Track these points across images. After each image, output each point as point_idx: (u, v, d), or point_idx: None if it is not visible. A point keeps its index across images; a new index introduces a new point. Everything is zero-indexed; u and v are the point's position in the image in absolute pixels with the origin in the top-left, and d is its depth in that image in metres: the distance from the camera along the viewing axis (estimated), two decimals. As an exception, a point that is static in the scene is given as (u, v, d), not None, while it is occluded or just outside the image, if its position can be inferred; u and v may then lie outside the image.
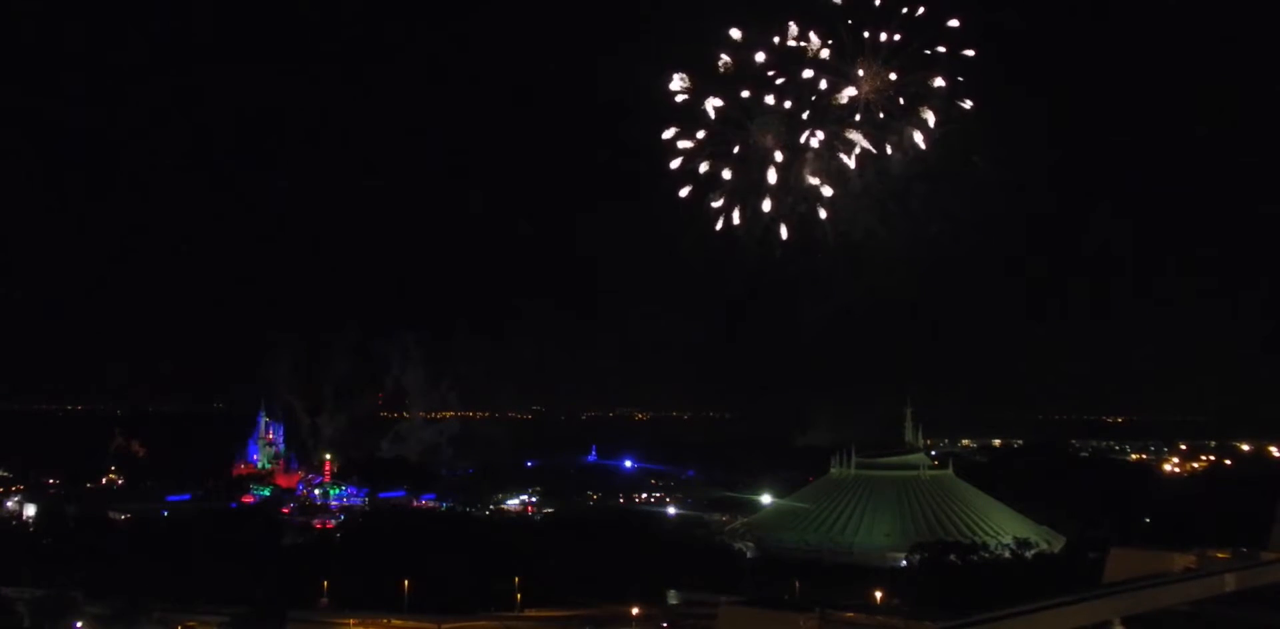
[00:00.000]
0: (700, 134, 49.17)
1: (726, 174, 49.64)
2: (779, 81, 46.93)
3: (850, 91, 46.61)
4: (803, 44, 45.78)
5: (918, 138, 47.94)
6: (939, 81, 46.36)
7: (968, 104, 46.97)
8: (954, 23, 45.75)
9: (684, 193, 50.21)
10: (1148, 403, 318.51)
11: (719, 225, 50.90)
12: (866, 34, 45.77)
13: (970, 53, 46.24)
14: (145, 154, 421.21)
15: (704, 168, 49.57)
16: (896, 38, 45.74)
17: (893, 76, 46.31)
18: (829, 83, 46.51)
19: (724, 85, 47.65)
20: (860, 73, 46.38)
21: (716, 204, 50.50)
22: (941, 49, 45.68)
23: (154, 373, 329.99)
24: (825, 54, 46.24)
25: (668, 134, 49.53)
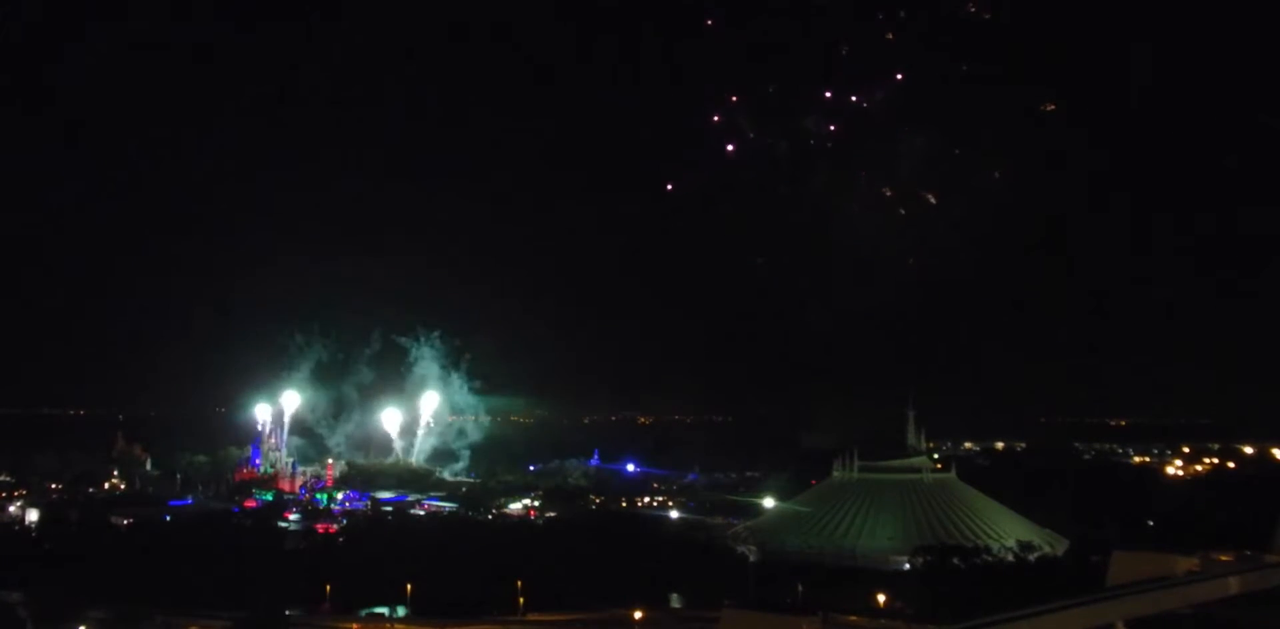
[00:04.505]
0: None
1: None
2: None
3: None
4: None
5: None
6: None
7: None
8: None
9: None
10: (1151, 405, 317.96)
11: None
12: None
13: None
14: (145, 152, 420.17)
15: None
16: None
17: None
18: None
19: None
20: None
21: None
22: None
23: (155, 377, 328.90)
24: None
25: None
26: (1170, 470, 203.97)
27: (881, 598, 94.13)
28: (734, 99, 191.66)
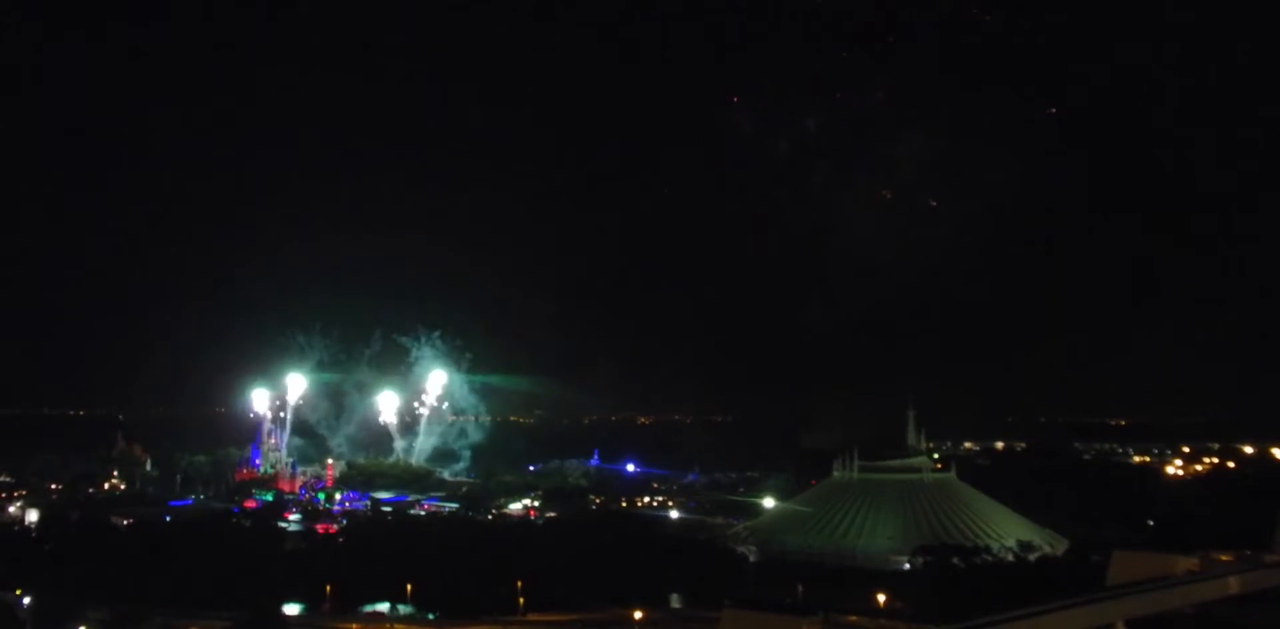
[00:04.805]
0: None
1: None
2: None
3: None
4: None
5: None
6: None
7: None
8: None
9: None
10: (1150, 405, 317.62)
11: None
12: None
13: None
14: (145, 152, 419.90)
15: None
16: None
17: None
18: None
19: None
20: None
21: None
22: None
23: (155, 377, 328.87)
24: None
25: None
26: (1170, 470, 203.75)
27: (881, 598, 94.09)
28: (734, 99, 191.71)
